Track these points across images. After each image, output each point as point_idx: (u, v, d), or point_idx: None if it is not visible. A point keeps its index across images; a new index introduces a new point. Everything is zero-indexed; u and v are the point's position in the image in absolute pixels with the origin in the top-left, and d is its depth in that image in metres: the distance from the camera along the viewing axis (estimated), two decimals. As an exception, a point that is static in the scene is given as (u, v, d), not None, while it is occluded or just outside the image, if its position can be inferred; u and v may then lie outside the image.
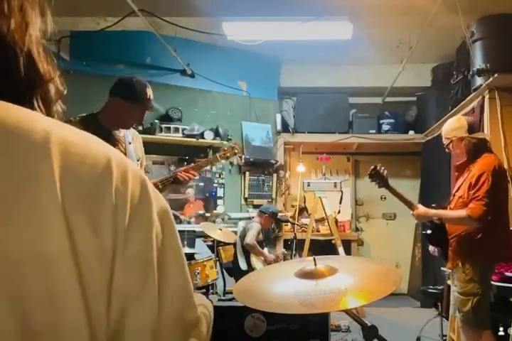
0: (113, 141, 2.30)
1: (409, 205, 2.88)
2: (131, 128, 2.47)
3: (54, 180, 0.45)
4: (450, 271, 2.87)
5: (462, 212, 2.63)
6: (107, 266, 0.46)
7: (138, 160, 2.41)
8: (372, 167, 2.88)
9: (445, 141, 2.89)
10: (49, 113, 0.53)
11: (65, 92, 0.55)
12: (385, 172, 2.89)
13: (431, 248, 3.18)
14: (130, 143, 2.37)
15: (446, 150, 2.92)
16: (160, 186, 2.39)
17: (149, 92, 2.27)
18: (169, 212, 0.54)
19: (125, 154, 2.31)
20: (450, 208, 2.85)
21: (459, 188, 2.82)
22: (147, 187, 0.52)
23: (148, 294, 0.49)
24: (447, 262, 2.86)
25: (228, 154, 2.68)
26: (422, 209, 2.83)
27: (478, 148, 2.77)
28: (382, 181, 2.88)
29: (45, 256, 0.44)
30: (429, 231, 2.95)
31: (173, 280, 0.52)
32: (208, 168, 5.34)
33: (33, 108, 0.51)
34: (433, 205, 2.97)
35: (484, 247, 2.64)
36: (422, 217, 2.89)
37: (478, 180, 2.63)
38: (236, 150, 2.70)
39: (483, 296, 2.65)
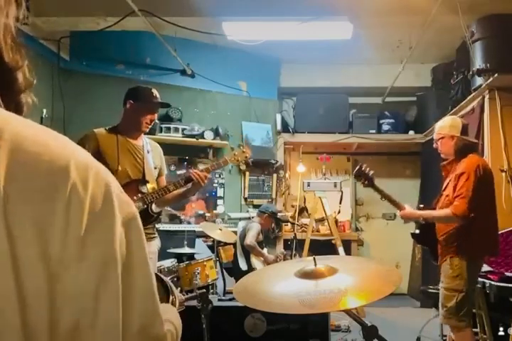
0: (132, 149, 2.59)
1: (396, 205, 2.94)
2: (151, 140, 2.76)
3: None
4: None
5: (446, 211, 2.71)
6: (53, 273, 0.44)
7: (155, 168, 2.65)
8: (358, 167, 2.94)
9: (436, 136, 2.96)
10: (18, 103, 0.51)
11: (35, 82, 0.52)
12: (371, 172, 2.93)
13: None
14: (148, 152, 2.64)
15: (434, 145, 2.99)
16: (171, 187, 2.54)
17: (155, 92, 2.63)
18: (137, 219, 0.51)
19: (143, 162, 2.57)
20: (439, 207, 2.90)
21: (446, 187, 2.88)
22: (112, 192, 0.48)
23: (106, 307, 0.46)
24: (435, 260, 2.92)
25: (239, 158, 2.75)
26: (408, 210, 2.91)
27: (466, 149, 2.85)
28: (367, 180, 2.93)
29: None
30: (417, 231, 3.01)
31: (137, 292, 0.49)
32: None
33: None
34: (421, 206, 3.03)
35: (472, 244, 2.70)
36: (407, 218, 2.94)
37: (460, 178, 2.72)
38: (247, 155, 2.76)
39: (467, 293, 2.71)
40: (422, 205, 3.03)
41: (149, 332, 0.50)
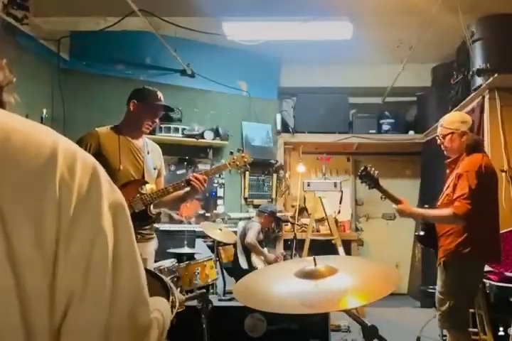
0: (133, 149, 2.59)
1: (393, 200, 2.76)
2: (151, 141, 2.76)
3: None
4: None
5: (447, 211, 2.57)
6: (47, 264, 0.44)
7: (155, 169, 2.65)
8: (363, 168, 2.80)
9: (444, 131, 2.77)
10: None
11: (15, 80, 0.53)
12: (376, 172, 2.79)
13: None
14: (148, 153, 2.64)
15: (438, 141, 2.82)
16: (171, 189, 2.53)
17: (159, 95, 2.64)
18: (124, 206, 0.51)
19: (143, 162, 2.57)
20: (438, 205, 2.79)
21: (448, 186, 2.75)
22: (99, 178, 0.49)
23: (93, 293, 0.46)
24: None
25: (238, 163, 2.71)
26: (405, 205, 2.73)
27: (475, 147, 2.72)
28: (372, 182, 2.78)
29: None
30: (421, 233, 2.90)
31: (124, 277, 0.50)
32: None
33: None
34: (426, 206, 2.90)
35: (471, 247, 2.57)
36: (404, 213, 2.77)
37: (461, 178, 2.58)
38: (246, 159, 2.72)
39: (461, 298, 2.60)
40: (426, 206, 2.88)
41: (137, 318, 0.50)
